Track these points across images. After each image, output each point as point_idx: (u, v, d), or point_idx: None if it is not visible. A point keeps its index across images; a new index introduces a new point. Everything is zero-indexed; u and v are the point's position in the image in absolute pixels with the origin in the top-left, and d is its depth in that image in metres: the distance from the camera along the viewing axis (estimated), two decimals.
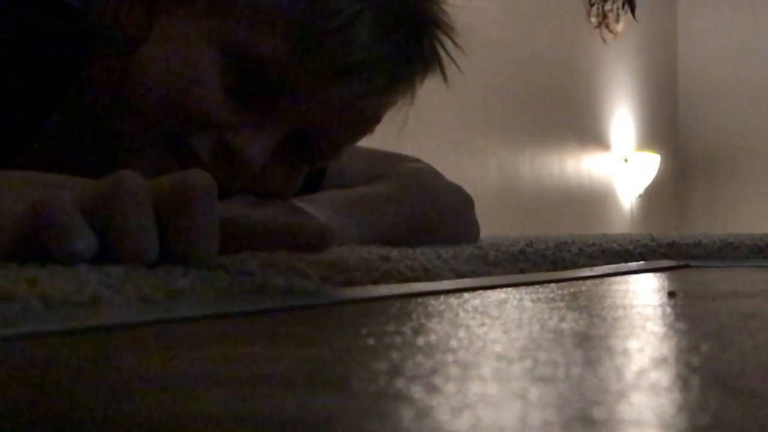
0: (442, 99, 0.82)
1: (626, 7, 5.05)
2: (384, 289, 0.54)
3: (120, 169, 0.49)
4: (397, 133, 0.81)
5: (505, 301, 0.50)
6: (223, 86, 0.73)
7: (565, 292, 0.56)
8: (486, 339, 0.35)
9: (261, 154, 0.74)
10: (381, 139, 0.84)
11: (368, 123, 0.80)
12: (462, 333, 0.36)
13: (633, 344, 0.34)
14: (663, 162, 5.66)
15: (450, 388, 0.25)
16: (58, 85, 0.77)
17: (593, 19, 4.97)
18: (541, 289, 0.58)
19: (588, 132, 5.13)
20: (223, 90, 0.73)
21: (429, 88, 0.82)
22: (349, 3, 0.73)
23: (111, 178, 0.48)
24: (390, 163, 1.05)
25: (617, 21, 5.06)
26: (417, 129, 0.83)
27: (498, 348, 0.33)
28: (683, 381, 0.26)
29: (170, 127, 0.73)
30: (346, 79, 0.74)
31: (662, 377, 0.27)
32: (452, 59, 0.81)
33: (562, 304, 0.48)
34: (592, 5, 4.95)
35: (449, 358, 0.30)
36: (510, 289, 0.58)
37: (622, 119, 5.44)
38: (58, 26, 0.77)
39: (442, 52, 0.80)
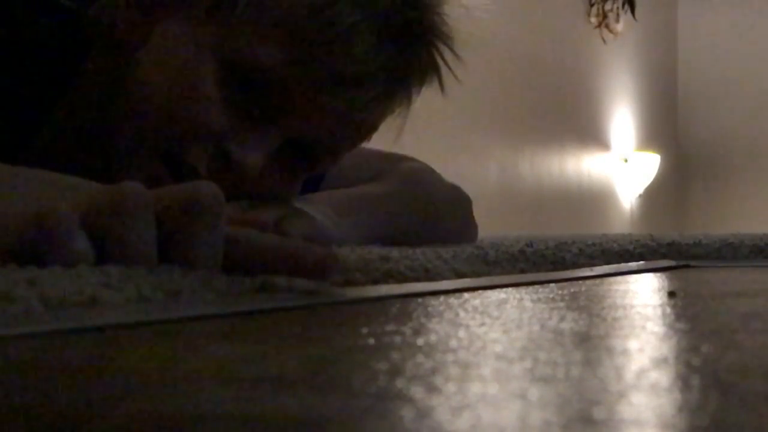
0: (442, 99, 0.82)
1: (626, 7, 5.04)
2: (384, 289, 0.54)
3: (113, 178, 0.49)
4: (395, 141, 0.81)
5: (505, 301, 0.50)
6: (220, 94, 0.73)
7: (565, 292, 0.56)
8: (486, 339, 0.35)
9: (258, 162, 0.74)
10: (380, 139, 0.84)
11: (365, 131, 0.80)
12: (462, 333, 0.36)
13: (633, 344, 0.34)
14: (663, 162, 5.66)
15: (450, 388, 0.25)
16: (53, 89, 0.77)
17: (593, 19, 4.97)
18: (541, 289, 0.58)
19: (588, 132, 5.13)
20: (220, 98, 0.73)
21: (428, 89, 0.82)
22: (348, 13, 0.73)
23: (113, 189, 0.48)
24: (388, 162, 1.05)
25: (617, 21, 5.06)
26: (417, 129, 0.83)
27: (498, 348, 0.33)
28: (683, 381, 0.26)
29: (166, 137, 0.73)
30: (343, 88, 0.74)
31: (662, 377, 0.27)
32: (450, 69, 0.81)
33: (562, 304, 0.48)
34: (592, 5, 4.95)
35: (449, 358, 0.30)
36: (510, 289, 0.58)
37: (622, 119, 5.44)
38: (54, 29, 0.77)
39: (440, 62, 0.80)
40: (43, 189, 0.53)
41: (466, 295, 0.53)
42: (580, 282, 0.66)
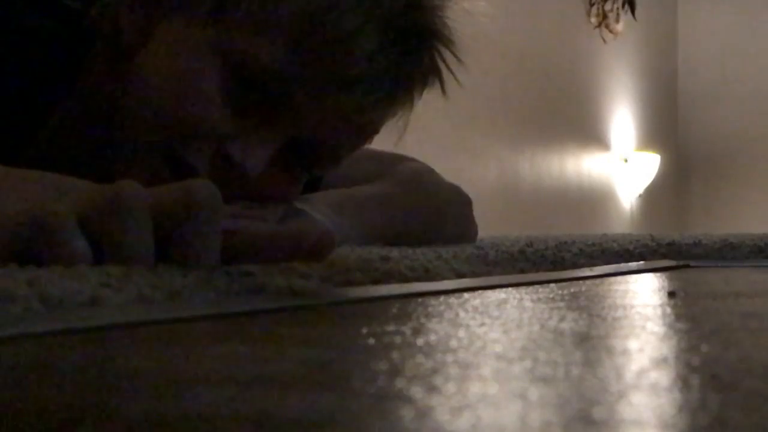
0: (443, 99, 0.82)
1: (626, 7, 5.04)
2: (384, 289, 0.54)
3: (114, 177, 0.49)
4: (395, 144, 0.81)
5: (505, 301, 0.50)
6: (222, 95, 0.73)
7: (565, 292, 0.56)
8: (486, 339, 0.35)
9: (259, 163, 0.74)
10: (380, 139, 0.84)
11: (367, 133, 0.80)
12: (462, 333, 0.36)
13: (633, 344, 0.34)
14: (663, 162, 5.66)
15: (450, 388, 0.25)
16: (55, 89, 0.77)
17: (593, 19, 4.97)
18: (541, 289, 0.58)
19: (588, 132, 5.13)
20: (222, 99, 0.73)
21: (429, 90, 0.82)
22: (351, 15, 0.73)
23: (110, 188, 0.48)
24: (388, 162, 1.05)
25: (617, 21, 5.06)
26: (417, 129, 0.83)
27: (498, 348, 0.33)
28: (683, 381, 0.26)
29: (167, 137, 0.73)
30: (345, 90, 0.74)
31: (662, 377, 0.27)
32: (452, 72, 0.81)
33: (562, 304, 0.48)
34: (592, 5, 4.95)
35: (449, 358, 0.30)
36: (510, 289, 0.58)
37: (622, 119, 5.44)
38: (56, 29, 0.76)
39: (441, 66, 0.80)
40: (43, 189, 0.53)
41: (466, 295, 0.53)
42: (580, 282, 0.66)
